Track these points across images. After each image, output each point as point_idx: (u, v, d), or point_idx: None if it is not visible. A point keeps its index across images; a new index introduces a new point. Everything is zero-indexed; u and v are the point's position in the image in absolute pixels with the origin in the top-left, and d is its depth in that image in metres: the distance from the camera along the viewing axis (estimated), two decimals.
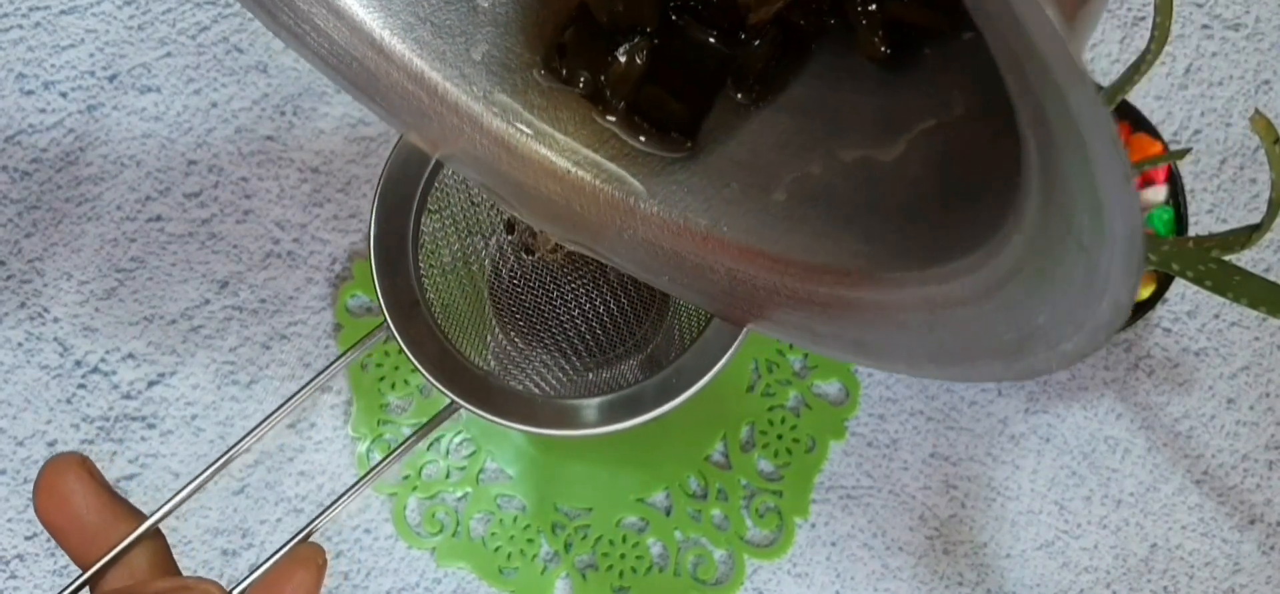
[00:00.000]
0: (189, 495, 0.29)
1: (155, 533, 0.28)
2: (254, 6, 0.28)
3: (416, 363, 0.35)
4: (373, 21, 0.24)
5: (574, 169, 0.25)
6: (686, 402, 0.34)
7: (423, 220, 0.38)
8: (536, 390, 0.42)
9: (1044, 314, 0.21)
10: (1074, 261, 0.19)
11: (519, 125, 0.25)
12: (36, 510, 0.27)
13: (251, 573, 0.28)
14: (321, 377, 0.33)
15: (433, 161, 0.37)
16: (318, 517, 0.30)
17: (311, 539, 0.29)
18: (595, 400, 0.35)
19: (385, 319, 0.35)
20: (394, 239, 0.37)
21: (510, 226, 0.43)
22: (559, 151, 0.25)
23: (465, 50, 0.27)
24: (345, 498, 0.32)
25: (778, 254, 0.27)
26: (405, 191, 0.37)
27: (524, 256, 0.43)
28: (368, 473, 0.33)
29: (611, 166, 0.27)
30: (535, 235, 0.43)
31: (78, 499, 0.27)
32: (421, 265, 0.37)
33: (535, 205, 0.30)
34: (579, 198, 0.26)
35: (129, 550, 0.27)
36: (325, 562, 0.28)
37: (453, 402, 0.34)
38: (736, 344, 0.33)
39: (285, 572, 0.28)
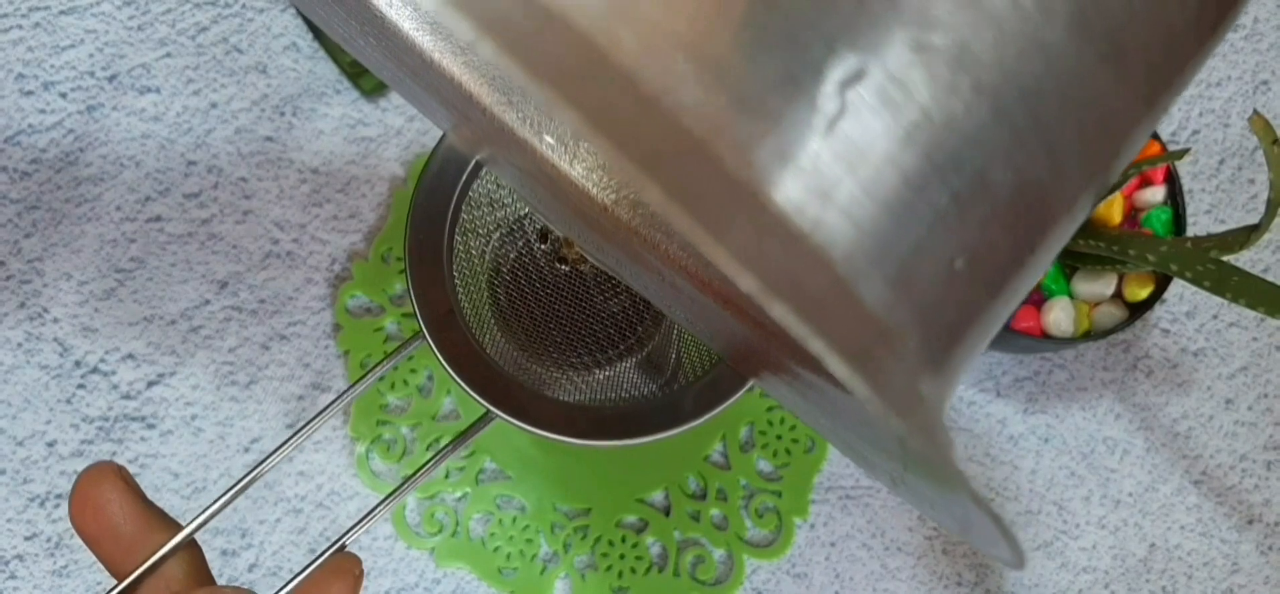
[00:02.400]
0: (225, 504, 0.30)
1: (191, 543, 0.28)
2: (311, 9, 0.28)
3: (460, 381, 0.35)
4: (424, 42, 0.24)
5: (613, 205, 0.25)
6: (721, 412, 0.35)
7: (457, 231, 0.38)
8: (545, 394, 0.42)
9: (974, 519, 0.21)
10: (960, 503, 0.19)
11: (563, 154, 0.25)
12: (72, 520, 0.27)
13: (278, 577, 0.28)
14: (349, 392, 0.33)
15: (466, 173, 0.37)
16: (348, 531, 0.30)
17: (312, 544, 0.29)
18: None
19: (422, 330, 0.35)
20: (429, 250, 0.37)
21: (544, 235, 0.43)
22: (600, 187, 0.25)
23: None
24: (379, 511, 0.31)
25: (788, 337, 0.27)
26: (439, 202, 0.37)
27: (558, 266, 0.43)
28: (393, 493, 0.33)
29: (650, 208, 0.27)
30: (567, 244, 0.43)
31: (114, 509, 0.27)
32: (455, 276, 0.37)
33: (569, 226, 0.30)
34: (614, 232, 0.26)
35: (164, 560, 0.27)
36: (362, 572, 0.28)
37: (489, 412, 0.34)
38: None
39: (321, 582, 0.28)
